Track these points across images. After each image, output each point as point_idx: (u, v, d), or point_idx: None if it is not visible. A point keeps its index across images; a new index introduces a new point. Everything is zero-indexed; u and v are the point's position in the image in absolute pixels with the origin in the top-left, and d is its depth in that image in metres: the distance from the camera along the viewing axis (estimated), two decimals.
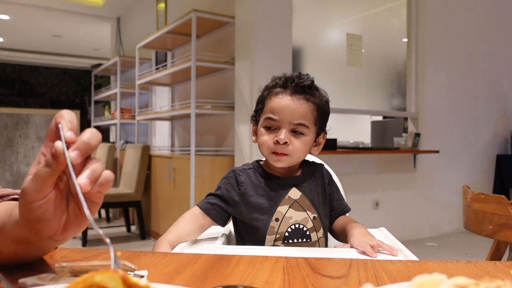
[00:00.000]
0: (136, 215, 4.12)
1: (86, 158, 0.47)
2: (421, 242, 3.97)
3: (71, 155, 0.45)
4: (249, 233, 1.00)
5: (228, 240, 1.05)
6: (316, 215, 1.00)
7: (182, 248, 0.88)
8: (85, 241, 3.73)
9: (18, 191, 0.66)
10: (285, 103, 0.98)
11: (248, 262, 0.61)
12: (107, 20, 6.59)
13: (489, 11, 4.78)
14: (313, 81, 1.02)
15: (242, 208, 1.00)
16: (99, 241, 3.88)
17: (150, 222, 4.11)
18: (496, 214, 1.29)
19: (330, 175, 1.12)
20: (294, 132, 0.98)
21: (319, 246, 0.99)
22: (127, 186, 4.11)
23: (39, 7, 6.11)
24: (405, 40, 4.35)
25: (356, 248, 0.84)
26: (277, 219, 0.97)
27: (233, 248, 0.90)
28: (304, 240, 0.97)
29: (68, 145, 0.46)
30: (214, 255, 0.65)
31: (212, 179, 3.29)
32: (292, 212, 0.98)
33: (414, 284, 0.37)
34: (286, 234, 0.97)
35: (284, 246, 0.96)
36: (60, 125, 0.47)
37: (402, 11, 4.35)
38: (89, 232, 3.78)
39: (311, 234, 0.98)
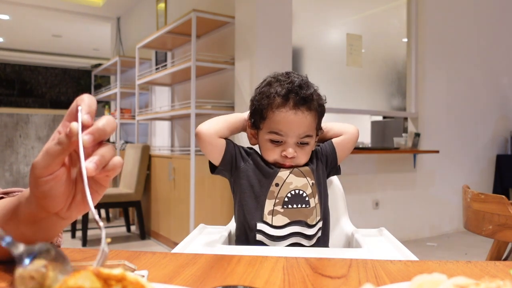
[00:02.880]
0: (136, 215, 4.12)
1: (99, 143, 0.49)
2: (421, 242, 3.97)
3: (84, 138, 0.46)
4: (250, 199, 1.01)
5: (228, 240, 1.05)
6: (314, 182, 1.02)
7: (182, 248, 0.88)
8: (85, 241, 3.73)
9: (23, 189, 0.67)
10: (291, 118, 0.97)
11: (248, 262, 0.61)
12: (107, 20, 6.59)
13: (489, 11, 4.78)
14: (314, 89, 1.02)
15: (249, 166, 1.03)
16: (99, 241, 3.88)
17: (150, 222, 4.11)
18: (496, 214, 1.29)
19: (320, 148, 1.12)
20: (300, 144, 1.00)
21: (316, 213, 1.01)
22: (127, 186, 4.11)
23: (39, 7, 6.11)
24: (405, 40, 4.35)
25: None
26: (277, 184, 0.99)
27: (233, 248, 0.90)
28: (304, 205, 0.99)
29: (84, 128, 0.47)
30: (214, 255, 0.65)
31: (212, 179, 3.29)
32: (292, 177, 1.00)
33: (414, 284, 0.37)
34: (286, 199, 0.99)
35: (284, 210, 0.98)
36: (80, 107, 0.48)
37: (402, 11, 4.35)
38: (89, 232, 3.78)
39: (310, 200, 1.00)
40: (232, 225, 1.14)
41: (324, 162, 1.09)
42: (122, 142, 5.13)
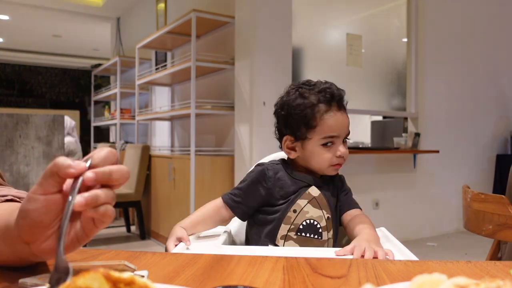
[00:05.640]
0: (136, 215, 4.12)
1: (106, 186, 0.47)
2: (421, 242, 3.97)
3: (87, 175, 0.45)
4: (266, 219, 1.03)
5: (229, 240, 1.05)
6: (330, 216, 1.04)
7: (182, 248, 0.88)
8: None
9: (15, 192, 0.65)
10: (342, 120, 1.04)
11: (248, 262, 0.61)
12: (107, 20, 6.59)
13: (489, 11, 4.78)
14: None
15: (266, 199, 1.04)
16: (99, 241, 3.88)
17: (150, 222, 4.11)
18: (496, 214, 1.29)
19: (343, 181, 1.17)
20: (343, 142, 1.06)
21: (327, 246, 1.03)
22: (127, 186, 4.11)
23: (39, 7, 6.11)
24: (405, 40, 4.35)
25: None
26: (295, 211, 1.01)
27: (233, 248, 0.90)
28: (316, 236, 1.01)
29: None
30: (214, 255, 0.65)
31: (212, 179, 3.29)
32: (309, 207, 1.02)
33: (414, 284, 0.37)
34: (301, 226, 1.01)
35: (297, 237, 1.00)
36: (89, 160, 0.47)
37: (402, 11, 4.35)
38: None
39: (323, 233, 1.02)
40: (232, 225, 1.14)
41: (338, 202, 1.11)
42: (122, 142, 5.13)
